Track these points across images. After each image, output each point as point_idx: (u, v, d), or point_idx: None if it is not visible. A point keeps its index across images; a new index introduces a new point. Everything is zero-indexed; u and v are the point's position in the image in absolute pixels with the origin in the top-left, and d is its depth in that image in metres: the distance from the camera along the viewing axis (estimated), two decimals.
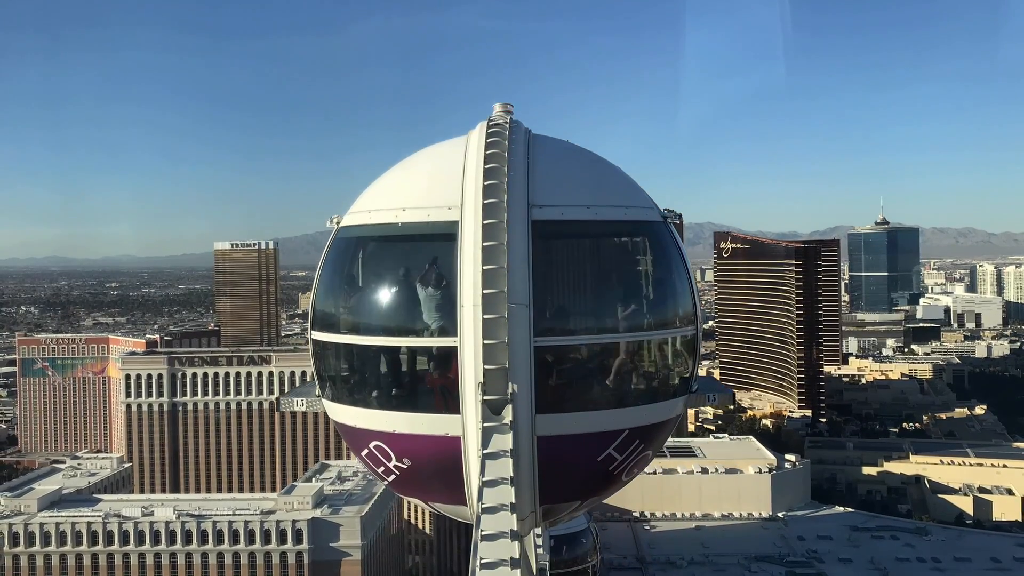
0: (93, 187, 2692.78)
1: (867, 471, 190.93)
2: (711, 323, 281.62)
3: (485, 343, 16.92)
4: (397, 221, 19.20)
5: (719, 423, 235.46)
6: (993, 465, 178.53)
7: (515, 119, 20.01)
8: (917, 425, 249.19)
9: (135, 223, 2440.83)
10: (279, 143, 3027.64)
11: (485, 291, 17.02)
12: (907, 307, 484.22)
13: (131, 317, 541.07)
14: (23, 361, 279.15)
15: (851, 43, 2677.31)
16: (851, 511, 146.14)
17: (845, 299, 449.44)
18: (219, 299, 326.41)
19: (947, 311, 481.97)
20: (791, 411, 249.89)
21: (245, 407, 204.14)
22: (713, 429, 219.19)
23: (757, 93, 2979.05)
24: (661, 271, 20.81)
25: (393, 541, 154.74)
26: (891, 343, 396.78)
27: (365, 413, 19.44)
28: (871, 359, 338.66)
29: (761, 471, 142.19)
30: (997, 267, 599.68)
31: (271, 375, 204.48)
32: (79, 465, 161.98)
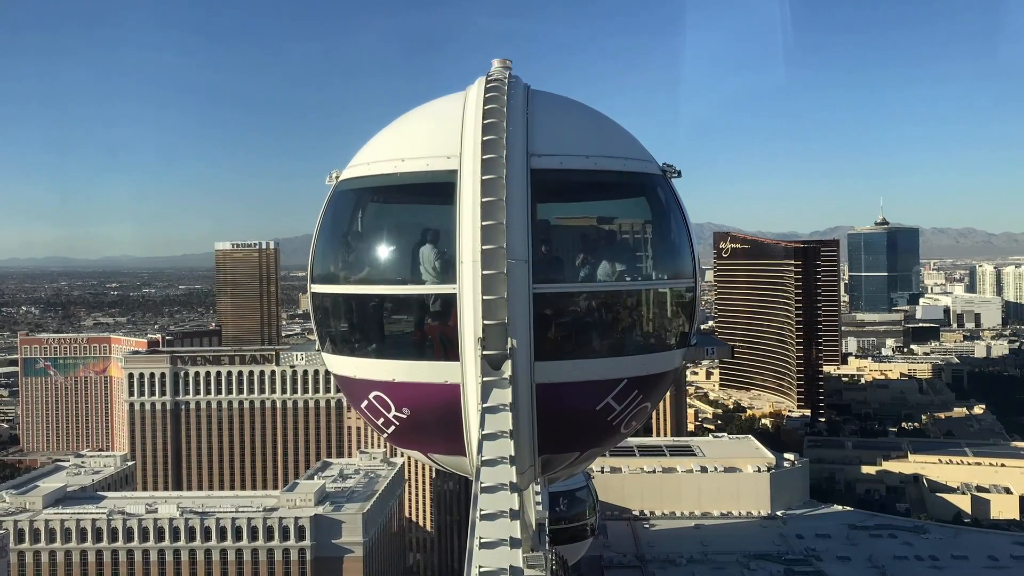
0: (93, 187, 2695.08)
1: (866, 470, 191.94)
2: (711, 323, 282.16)
3: (484, 299, 16.92)
4: (396, 171, 19.10)
5: (718, 423, 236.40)
6: (991, 464, 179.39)
7: (514, 74, 19.82)
8: (916, 425, 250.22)
9: (135, 223, 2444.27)
10: (280, 143, 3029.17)
11: (484, 247, 16.97)
12: (907, 307, 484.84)
13: (131, 317, 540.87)
14: (25, 361, 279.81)
15: (851, 43, 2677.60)
16: (850, 510, 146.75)
17: (845, 299, 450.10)
18: (220, 299, 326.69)
19: (946, 311, 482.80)
20: (790, 411, 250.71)
21: (247, 406, 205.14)
22: (713, 428, 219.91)
23: (757, 93, 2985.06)
24: (660, 223, 20.84)
25: (394, 538, 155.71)
26: (890, 343, 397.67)
27: (365, 363, 19.43)
28: (870, 359, 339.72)
29: (760, 470, 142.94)
30: (996, 267, 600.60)
31: (273, 374, 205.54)
32: (83, 463, 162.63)
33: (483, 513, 13.73)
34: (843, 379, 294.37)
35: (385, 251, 19.90)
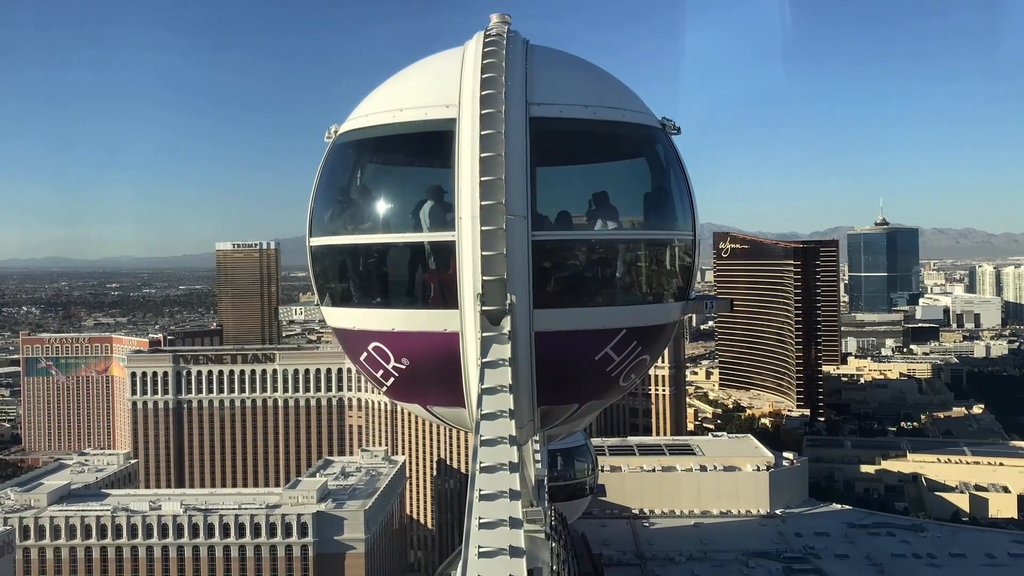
0: (93, 187, 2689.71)
1: (865, 469, 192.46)
2: (711, 323, 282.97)
3: (483, 254, 16.86)
4: (394, 121, 18.97)
5: (718, 422, 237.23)
6: (990, 463, 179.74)
7: (513, 29, 19.75)
8: (915, 424, 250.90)
9: (136, 223, 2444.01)
10: (280, 143, 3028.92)
11: (483, 203, 16.87)
12: (906, 307, 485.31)
13: (132, 317, 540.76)
14: (27, 360, 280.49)
15: (851, 43, 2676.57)
16: (848, 508, 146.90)
17: (844, 299, 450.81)
18: (221, 299, 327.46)
19: (946, 311, 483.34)
20: (790, 410, 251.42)
21: (249, 404, 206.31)
22: (712, 428, 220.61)
23: (756, 93, 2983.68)
24: (659, 175, 20.77)
25: (396, 536, 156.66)
26: (890, 343, 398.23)
27: (363, 313, 19.37)
28: (870, 359, 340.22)
29: (759, 469, 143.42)
30: (996, 268, 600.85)
31: (275, 373, 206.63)
32: (86, 461, 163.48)
33: (483, 465, 13.70)
34: (842, 379, 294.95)
35: (383, 201, 19.91)
